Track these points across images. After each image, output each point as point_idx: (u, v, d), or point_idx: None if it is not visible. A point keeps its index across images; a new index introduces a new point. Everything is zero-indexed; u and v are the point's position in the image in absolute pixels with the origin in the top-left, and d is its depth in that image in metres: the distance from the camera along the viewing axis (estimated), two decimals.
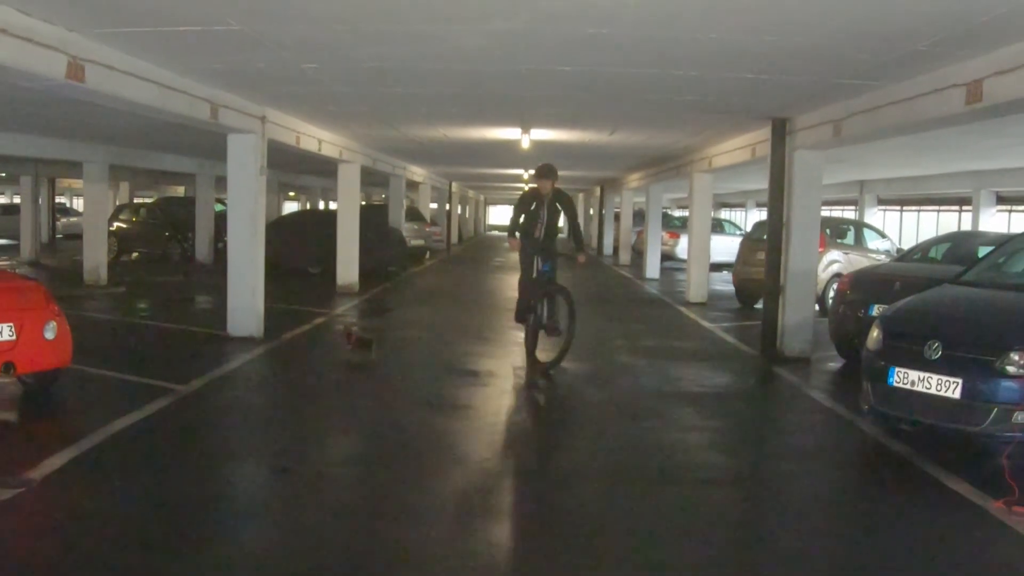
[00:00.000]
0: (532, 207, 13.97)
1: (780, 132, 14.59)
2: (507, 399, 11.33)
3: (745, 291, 21.94)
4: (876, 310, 11.33)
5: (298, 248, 26.51)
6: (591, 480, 8.19)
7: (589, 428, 10.37)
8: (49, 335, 10.21)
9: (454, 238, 51.15)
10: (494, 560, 6.25)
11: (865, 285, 14.01)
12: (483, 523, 6.87)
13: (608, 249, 45.84)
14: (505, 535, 6.85)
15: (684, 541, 6.77)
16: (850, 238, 22.55)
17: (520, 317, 14.32)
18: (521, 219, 14.21)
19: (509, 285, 22.51)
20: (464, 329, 17.69)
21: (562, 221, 14.66)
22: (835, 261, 20.12)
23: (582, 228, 16.16)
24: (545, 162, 14.21)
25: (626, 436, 9.78)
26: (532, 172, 19.99)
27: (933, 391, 8.58)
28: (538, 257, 13.87)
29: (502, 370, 13.27)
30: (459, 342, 15.94)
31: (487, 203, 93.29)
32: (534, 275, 14.01)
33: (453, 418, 10.14)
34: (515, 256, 14.87)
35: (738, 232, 35.15)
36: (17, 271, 17.50)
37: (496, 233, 64.57)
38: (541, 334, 14.07)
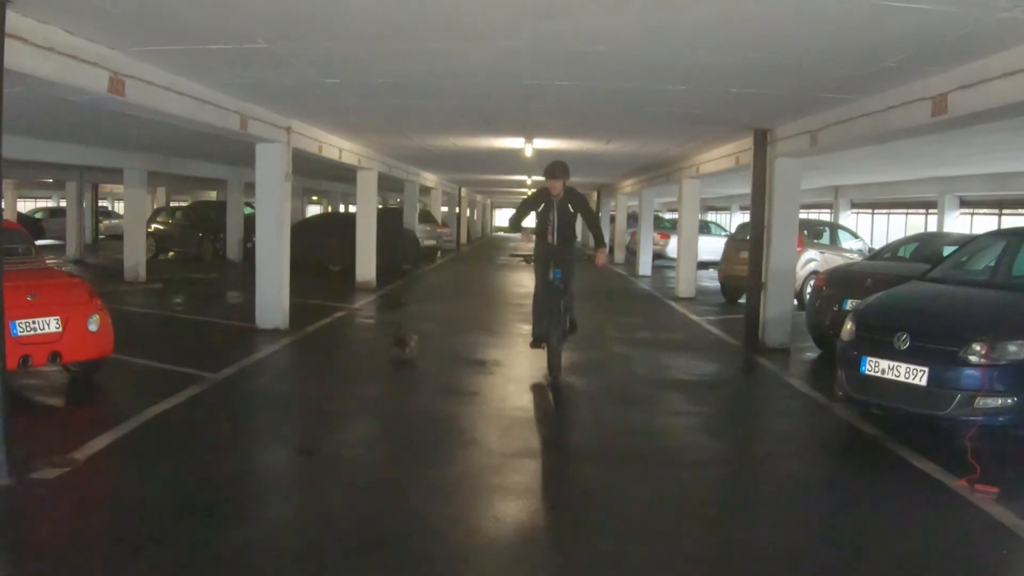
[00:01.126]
0: (541, 208, 11.91)
1: (762, 142, 14.56)
2: (512, 386, 11.28)
3: (730, 287, 22.01)
4: (849, 304, 11.30)
5: (320, 247, 26.50)
6: (592, 460, 8.20)
7: (588, 412, 10.41)
8: (92, 327, 10.22)
9: (463, 238, 51.33)
10: (504, 531, 6.30)
11: (839, 282, 13.99)
12: (491, 499, 6.87)
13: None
14: (513, 510, 6.80)
15: (679, 514, 6.80)
16: (826, 238, 22.54)
17: (536, 342, 12.13)
18: (527, 220, 12.54)
19: (513, 281, 22.58)
20: (472, 321, 17.63)
21: (579, 224, 12.60)
22: (812, 260, 20.09)
23: (602, 227, 13.75)
24: (556, 160, 11.85)
25: (623, 420, 9.78)
26: (539, 177, 17.19)
27: (902, 379, 8.62)
28: (552, 265, 11.65)
29: (507, 359, 13.22)
30: (468, 333, 15.87)
31: (493, 206, 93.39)
32: (546, 283, 11.76)
33: (464, 403, 10.13)
34: (516, 261, 12.88)
35: (723, 233, 35.12)
36: (63, 269, 17.45)
37: (501, 234, 64.27)
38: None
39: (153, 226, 33.39)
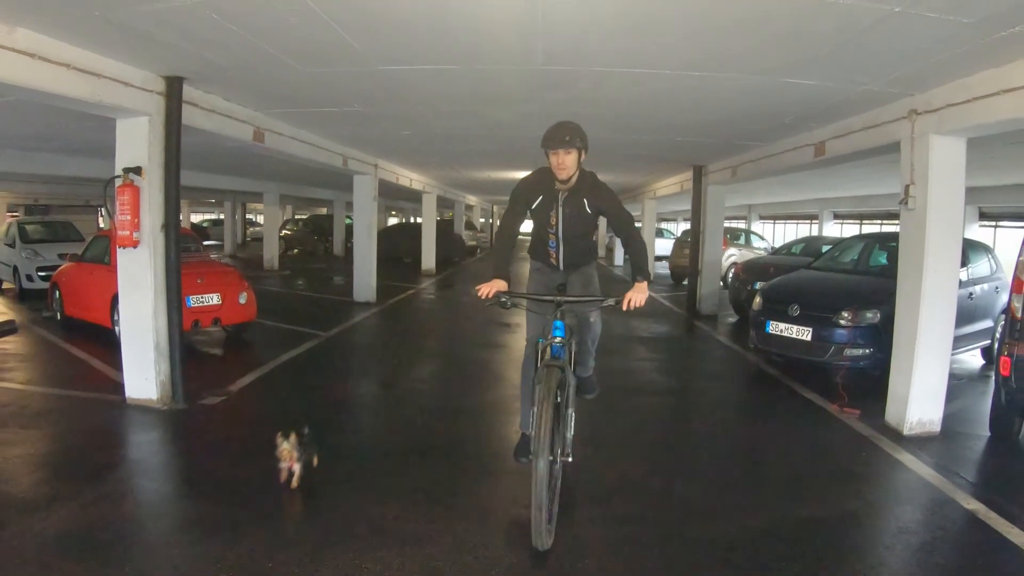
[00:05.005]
0: (537, 204, 4.89)
1: (698, 174, 14.44)
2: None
3: (676, 273, 21.92)
4: (758, 285, 11.24)
5: (397, 246, 26.66)
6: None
7: None
8: (242, 300, 10.36)
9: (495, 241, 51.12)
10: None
11: (751, 270, 14.00)
12: (514, 418, 6.82)
13: None
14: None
15: (643, 422, 6.81)
16: (742, 240, 22.43)
17: (520, 450, 5.02)
18: (512, 230, 5.02)
19: None
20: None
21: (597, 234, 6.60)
22: (732, 254, 19.99)
23: (638, 240, 4.97)
24: (563, 121, 4.66)
25: (605, 364, 9.72)
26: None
27: (794, 336, 8.67)
28: (555, 311, 4.67)
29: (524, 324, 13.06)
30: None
31: None
32: (537, 354, 4.70)
33: (494, 352, 10.13)
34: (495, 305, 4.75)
35: (672, 236, 34.97)
36: (221, 261, 17.52)
37: (522, 238, 64.03)
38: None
39: (283, 231, 33.47)
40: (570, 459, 4.62)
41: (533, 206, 4.89)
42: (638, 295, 4.51)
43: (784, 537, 4.54)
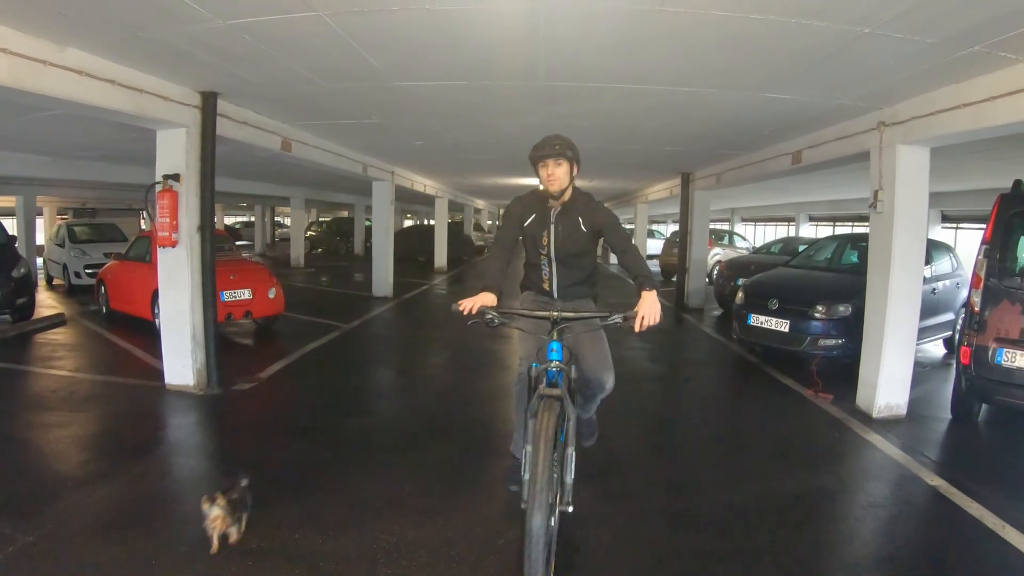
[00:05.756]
0: (529, 222, 4.13)
1: (686, 180, 14.40)
2: None
3: (666, 270, 21.74)
4: (741, 281, 11.22)
5: (412, 246, 26.54)
6: None
7: None
8: (271, 295, 10.36)
9: None
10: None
11: (734, 267, 13.89)
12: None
13: None
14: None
15: (637, 405, 6.79)
16: (726, 240, 22.41)
17: (513, 476, 4.22)
18: (507, 243, 4.18)
19: None
20: (508, 291, 17.45)
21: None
22: (717, 253, 19.96)
23: (634, 248, 4.10)
24: (553, 134, 4.05)
25: None
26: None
27: (773, 328, 8.64)
28: (551, 334, 3.69)
29: None
30: (503, 298, 15.67)
31: None
32: (530, 382, 3.81)
33: (502, 342, 10.12)
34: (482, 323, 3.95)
35: (662, 236, 34.87)
36: (252, 259, 17.55)
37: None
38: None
39: (308, 232, 33.43)
40: (570, 508, 3.59)
41: (526, 223, 4.15)
42: (651, 309, 3.55)
43: (765, 510, 4.55)
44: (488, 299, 3.75)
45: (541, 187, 4.09)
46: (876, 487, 5.08)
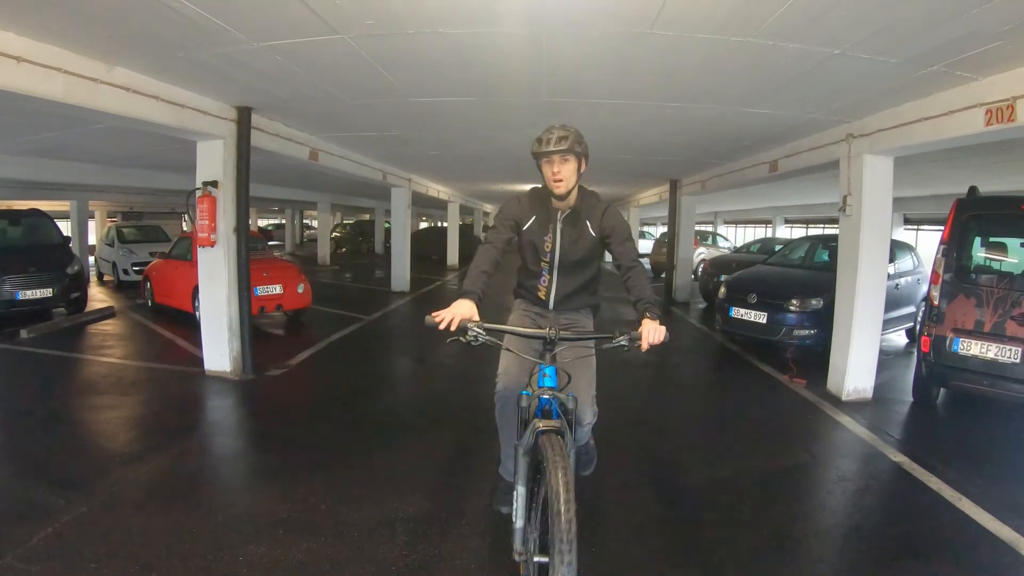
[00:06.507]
0: (528, 225, 3.28)
1: (674, 187, 14.31)
2: None
3: (656, 267, 21.63)
4: (723, 277, 11.20)
5: (426, 246, 26.48)
6: None
7: None
8: (300, 290, 10.35)
9: None
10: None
11: (717, 264, 13.90)
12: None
13: None
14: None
15: (629, 391, 6.78)
16: (710, 240, 22.40)
17: (501, 497, 3.44)
18: (493, 245, 3.22)
19: None
20: (510, 285, 17.43)
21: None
22: (702, 252, 19.92)
23: (640, 267, 3.27)
24: (559, 125, 3.24)
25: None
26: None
27: (752, 319, 8.61)
28: (544, 354, 2.89)
29: None
30: (507, 295, 15.64)
31: None
32: (521, 402, 2.98)
33: None
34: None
35: (652, 237, 34.80)
36: (283, 258, 17.55)
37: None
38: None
39: (333, 234, 33.36)
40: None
41: (524, 227, 3.30)
42: (655, 330, 2.82)
43: (745, 483, 4.54)
44: (467, 309, 2.94)
45: (541, 186, 3.32)
46: (845, 463, 5.06)
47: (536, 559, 2.68)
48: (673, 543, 3.75)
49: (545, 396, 2.86)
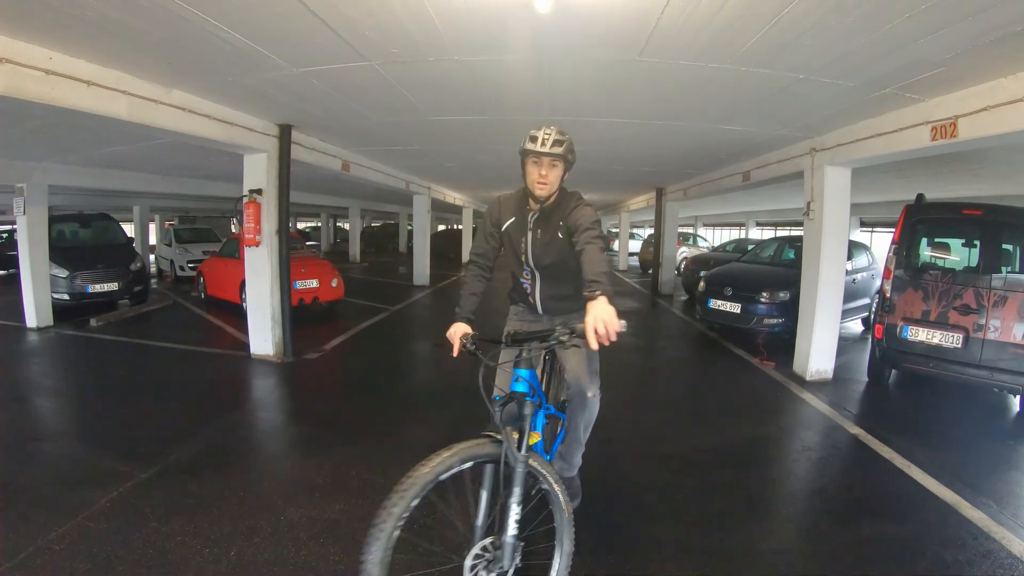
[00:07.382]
0: (507, 226, 2.98)
1: (660, 194, 14.27)
2: None
3: (644, 264, 21.49)
4: (703, 273, 11.13)
5: (443, 245, 26.46)
6: None
7: None
8: (334, 284, 10.33)
9: None
10: None
11: (698, 262, 13.78)
12: None
13: None
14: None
15: (620, 372, 6.76)
16: (691, 241, 22.36)
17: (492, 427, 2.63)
18: (479, 257, 3.06)
19: None
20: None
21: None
22: (684, 251, 19.89)
23: (603, 254, 2.48)
24: (555, 127, 2.90)
25: None
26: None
27: (728, 310, 8.57)
28: (524, 355, 2.67)
29: None
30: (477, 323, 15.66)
31: None
32: (496, 406, 2.65)
33: None
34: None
35: (640, 238, 34.64)
36: (318, 255, 17.54)
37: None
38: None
39: (362, 234, 33.38)
40: None
41: (503, 227, 2.98)
42: (600, 314, 2.24)
43: (721, 452, 4.55)
44: (461, 329, 2.80)
45: (523, 188, 2.90)
46: (808, 435, 5.06)
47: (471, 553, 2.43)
48: (651, 504, 3.76)
49: (520, 407, 2.59)
